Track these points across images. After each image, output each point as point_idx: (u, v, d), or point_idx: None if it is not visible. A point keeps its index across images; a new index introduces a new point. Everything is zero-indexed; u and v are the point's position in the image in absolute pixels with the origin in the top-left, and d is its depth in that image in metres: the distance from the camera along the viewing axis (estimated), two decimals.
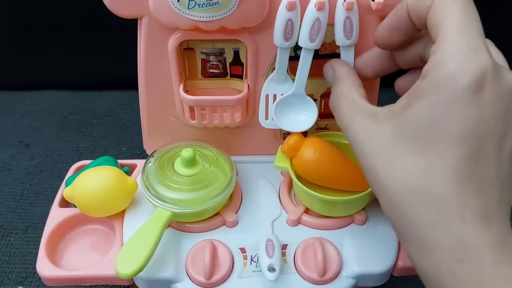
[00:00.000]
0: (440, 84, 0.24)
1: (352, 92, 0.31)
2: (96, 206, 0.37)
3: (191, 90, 0.41)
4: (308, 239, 0.37)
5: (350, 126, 0.29)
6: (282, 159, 0.39)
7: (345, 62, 0.35)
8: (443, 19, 0.25)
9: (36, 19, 0.66)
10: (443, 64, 0.24)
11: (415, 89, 0.25)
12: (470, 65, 0.23)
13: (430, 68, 0.25)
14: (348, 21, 0.34)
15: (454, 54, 0.24)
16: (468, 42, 0.24)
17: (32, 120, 0.68)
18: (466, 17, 0.25)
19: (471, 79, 0.23)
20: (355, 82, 0.33)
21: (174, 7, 0.33)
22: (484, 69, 0.23)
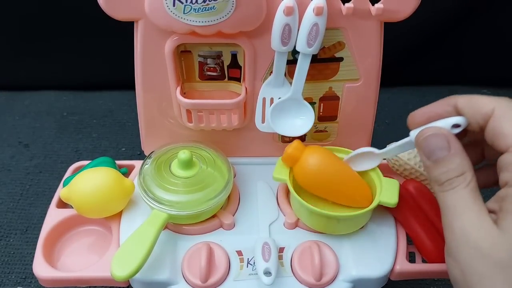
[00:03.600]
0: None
1: (478, 196, 0.28)
2: (93, 207, 0.37)
3: (188, 93, 0.41)
4: (305, 243, 0.37)
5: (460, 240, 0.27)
6: (281, 170, 0.38)
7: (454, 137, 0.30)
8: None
9: (36, 19, 0.66)
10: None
11: (506, 198, 0.26)
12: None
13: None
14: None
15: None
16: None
17: (31, 120, 0.68)
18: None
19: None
20: (475, 178, 0.29)
21: (170, 11, 0.33)
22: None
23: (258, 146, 0.44)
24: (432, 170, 0.29)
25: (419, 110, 0.33)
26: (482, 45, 0.71)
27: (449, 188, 0.28)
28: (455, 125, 0.30)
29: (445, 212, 0.28)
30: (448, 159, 0.29)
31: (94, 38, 0.66)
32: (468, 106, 0.30)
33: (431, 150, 0.29)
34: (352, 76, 0.40)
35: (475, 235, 0.26)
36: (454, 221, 0.27)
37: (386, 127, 0.68)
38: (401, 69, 0.72)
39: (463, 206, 0.27)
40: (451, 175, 0.28)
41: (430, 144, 0.30)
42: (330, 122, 0.43)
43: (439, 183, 0.29)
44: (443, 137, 0.29)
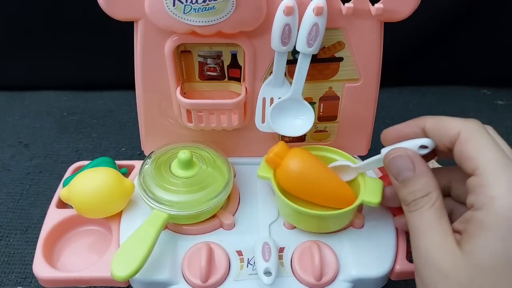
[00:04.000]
0: (504, 218, 0.25)
1: (443, 215, 0.29)
2: (93, 208, 0.37)
3: (188, 93, 0.41)
4: (305, 243, 0.37)
5: (427, 253, 0.28)
6: (265, 169, 0.38)
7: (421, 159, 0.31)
8: (479, 152, 0.27)
9: (36, 19, 0.66)
10: (500, 198, 0.26)
11: (471, 221, 0.27)
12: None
13: (485, 201, 0.26)
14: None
15: (508, 189, 0.26)
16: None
17: (31, 120, 0.68)
18: (499, 148, 0.27)
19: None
20: (441, 197, 0.29)
21: (170, 11, 0.33)
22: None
23: (258, 146, 0.44)
24: (400, 190, 0.30)
25: (391, 129, 0.34)
26: (482, 45, 0.71)
27: (415, 208, 0.29)
28: (422, 146, 0.30)
29: (411, 232, 0.29)
30: (414, 180, 0.29)
31: (94, 38, 0.66)
32: (435, 128, 0.30)
33: (397, 171, 0.30)
34: (352, 76, 0.40)
35: (437, 255, 0.27)
36: (418, 241, 0.28)
37: (386, 127, 0.67)
38: (401, 69, 0.72)
39: (427, 226, 0.28)
40: (417, 195, 0.29)
41: (397, 165, 0.31)
42: (330, 122, 0.43)
43: (406, 203, 0.30)
44: (408, 158, 0.30)
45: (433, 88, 0.76)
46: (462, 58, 0.72)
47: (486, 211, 0.26)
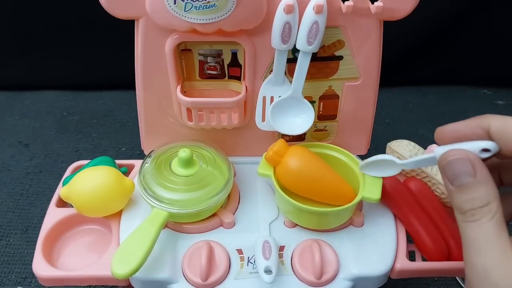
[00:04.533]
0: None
1: (503, 229, 0.26)
2: (93, 206, 0.37)
3: (189, 91, 0.41)
4: (306, 241, 0.37)
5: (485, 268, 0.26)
6: (265, 166, 0.38)
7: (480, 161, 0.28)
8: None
9: (36, 19, 0.66)
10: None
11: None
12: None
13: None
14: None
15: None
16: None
17: (31, 120, 0.68)
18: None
19: None
20: (501, 209, 0.27)
21: (171, 9, 0.33)
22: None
23: (258, 145, 0.44)
24: (455, 196, 0.27)
25: (448, 127, 0.30)
26: (482, 45, 0.71)
27: (472, 219, 0.26)
28: (484, 149, 0.27)
29: (466, 245, 0.27)
30: (473, 187, 0.27)
31: (94, 38, 0.67)
32: (502, 131, 0.27)
33: (455, 175, 0.27)
34: (351, 75, 0.40)
35: (497, 276, 0.25)
36: (475, 257, 0.26)
37: (386, 127, 0.68)
38: (401, 69, 0.72)
39: (486, 241, 0.26)
40: (475, 204, 0.26)
41: (454, 168, 0.27)
42: (330, 121, 0.43)
43: (462, 211, 0.27)
44: (469, 162, 0.27)
45: (433, 88, 0.76)
46: (462, 58, 0.72)
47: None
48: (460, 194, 0.27)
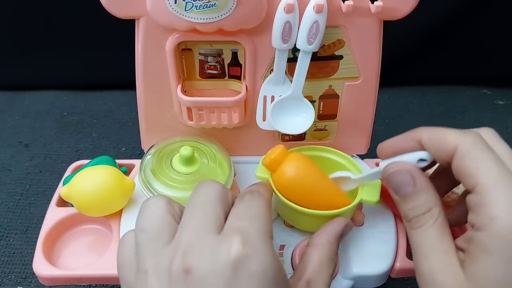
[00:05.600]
0: (505, 240, 0.24)
1: (446, 233, 0.28)
2: (93, 206, 0.37)
3: (189, 91, 0.41)
4: (306, 240, 0.37)
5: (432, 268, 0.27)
6: (263, 170, 0.37)
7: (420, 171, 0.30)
8: (478, 169, 0.26)
9: (36, 19, 0.66)
10: (501, 219, 0.24)
11: (472, 242, 0.26)
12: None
13: (486, 222, 0.25)
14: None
15: (508, 209, 0.25)
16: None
17: (31, 120, 0.68)
18: (499, 164, 0.26)
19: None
20: (443, 212, 0.28)
21: (171, 8, 0.33)
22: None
23: (258, 144, 0.44)
24: (400, 205, 0.29)
25: (386, 143, 0.32)
26: (482, 45, 0.72)
27: (417, 226, 0.28)
28: (421, 159, 0.30)
29: (414, 250, 0.28)
30: (414, 195, 0.29)
31: (95, 37, 0.67)
32: (431, 142, 0.29)
33: (397, 186, 0.29)
34: (351, 74, 0.40)
35: (440, 278, 0.26)
36: (421, 261, 0.27)
37: (386, 127, 0.68)
38: (401, 69, 0.72)
39: (430, 245, 0.27)
40: (418, 211, 0.28)
41: (396, 180, 0.30)
42: (330, 120, 0.43)
43: (407, 219, 0.29)
44: (407, 172, 0.29)
45: (433, 88, 0.76)
46: (462, 58, 0.72)
47: (487, 233, 0.25)
48: (404, 204, 0.29)
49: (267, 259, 0.25)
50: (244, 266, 0.24)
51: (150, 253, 0.26)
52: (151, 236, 0.27)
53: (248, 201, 0.29)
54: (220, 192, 0.29)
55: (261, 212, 0.28)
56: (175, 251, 0.25)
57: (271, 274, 0.25)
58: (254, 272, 0.24)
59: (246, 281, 0.24)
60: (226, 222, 0.27)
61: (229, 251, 0.24)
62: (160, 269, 0.25)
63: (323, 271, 0.30)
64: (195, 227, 0.26)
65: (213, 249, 0.25)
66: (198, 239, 0.25)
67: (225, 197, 0.29)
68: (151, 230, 0.27)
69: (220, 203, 0.28)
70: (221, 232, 0.26)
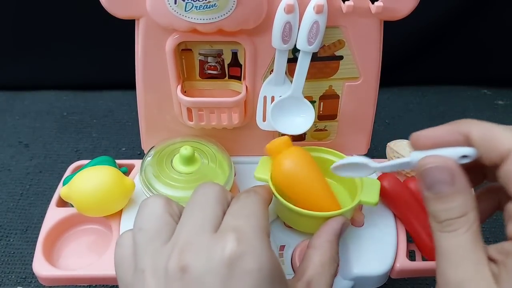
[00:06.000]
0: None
1: (479, 242, 0.25)
2: (93, 206, 0.37)
3: (189, 91, 0.41)
4: (306, 241, 0.37)
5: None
6: (262, 171, 0.37)
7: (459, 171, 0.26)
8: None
9: (36, 19, 0.66)
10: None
11: (511, 255, 0.24)
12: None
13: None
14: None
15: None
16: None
17: (31, 120, 0.68)
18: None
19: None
20: (479, 220, 0.26)
21: (171, 9, 0.33)
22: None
23: (258, 145, 0.44)
24: (431, 204, 0.27)
25: (425, 132, 0.29)
26: (482, 45, 0.71)
27: (448, 229, 0.25)
28: (464, 156, 0.26)
29: (440, 256, 0.26)
30: (451, 196, 0.26)
31: (95, 37, 0.67)
32: (483, 140, 0.26)
33: (432, 183, 0.26)
34: (352, 75, 0.40)
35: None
36: (449, 270, 0.25)
37: (386, 127, 0.68)
38: (401, 69, 0.72)
39: (461, 254, 0.25)
40: (452, 214, 0.25)
41: (432, 176, 0.26)
42: (330, 121, 0.43)
43: (438, 220, 0.26)
44: (448, 170, 0.26)
45: (433, 88, 0.76)
46: (462, 58, 0.72)
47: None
48: (437, 203, 0.26)
49: (263, 256, 0.25)
50: (239, 263, 0.24)
51: (148, 253, 0.26)
52: (149, 235, 0.26)
53: (244, 200, 0.29)
54: (219, 193, 0.29)
55: (257, 210, 0.28)
56: (172, 250, 0.25)
57: (267, 271, 0.24)
58: (249, 269, 0.24)
59: (242, 279, 0.24)
60: (222, 221, 0.27)
61: (223, 249, 0.24)
62: (157, 268, 0.25)
63: (324, 271, 0.30)
64: (193, 227, 0.26)
65: (209, 247, 0.25)
66: (195, 238, 0.25)
67: (224, 198, 0.29)
68: (149, 229, 0.27)
69: (218, 204, 0.28)
70: (217, 231, 0.26)
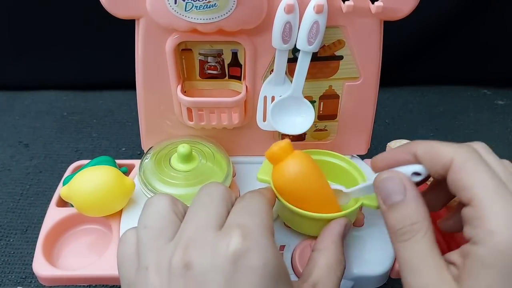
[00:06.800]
0: (504, 254, 0.24)
1: (434, 247, 0.26)
2: (93, 206, 0.37)
3: (189, 91, 0.41)
4: (306, 241, 0.37)
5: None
6: (265, 172, 0.37)
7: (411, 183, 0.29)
8: (474, 182, 0.26)
9: (36, 19, 0.66)
10: (499, 234, 0.24)
11: (469, 256, 0.25)
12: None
13: (483, 236, 0.24)
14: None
15: (506, 223, 0.24)
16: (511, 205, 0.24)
17: (31, 120, 0.68)
18: (495, 177, 0.25)
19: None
20: (432, 227, 0.27)
21: (171, 8, 0.33)
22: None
23: (258, 145, 0.44)
24: (387, 216, 0.28)
25: (380, 156, 0.32)
26: (482, 45, 0.71)
27: (404, 238, 0.27)
28: (415, 173, 0.29)
29: (402, 267, 0.27)
30: (403, 205, 0.28)
31: (95, 37, 0.67)
32: (427, 156, 0.29)
33: (387, 194, 0.29)
34: (352, 75, 0.40)
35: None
36: (411, 278, 0.26)
37: (386, 127, 0.68)
38: (401, 69, 0.72)
39: (420, 261, 0.26)
40: (406, 222, 0.27)
41: (386, 188, 0.29)
42: (330, 120, 0.43)
43: (394, 230, 0.28)
44: (399, 181, 0.28)
45: (433, 88, 0.76)
46: (463, 58, 0.72)
47: (485, 247, 0.24)
48: (392, 213, 0.28)
49: (268, 253, 0.25)
50: (243, 260, 0.24)
51: (152, 250, 0.26)
52: (154, 233, 0.27)
53: (248, 200, 0.29)
54: (223, 192, 0.29)
55: (261, 209, 0.28)
56: (176, 247, 0.25)
57: (272, 268, 0.24)
58: (254, 266, 0.24)
59: (246, 275, 0.24)
60: (227, 219, 0.27)
61: (228, 245, 0.24)
62: (160, 265, 0.25)
63: (330, 274, 0.30)
64: (197, 224, 0.26)
65: (213, 243, 0.25)
66: (199, 235, 0.25)
67: (228, 197, 0.29)
68: (154, 227, 0.27)
69: (223, 203, 0.28)
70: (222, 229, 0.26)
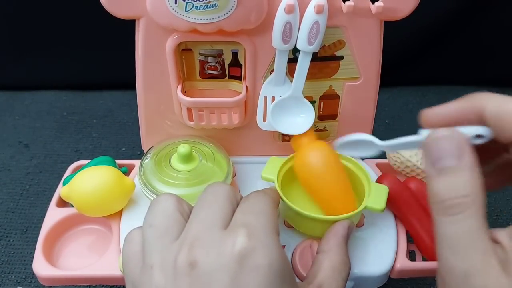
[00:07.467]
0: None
1: (485, 226, 0.22)
2: (93, 206, 0.37)
3: (189, 91, 0.41)
4: (306, 241, 0.37)
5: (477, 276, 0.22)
6: (269, 171, 0.37)
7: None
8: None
9: (36, 19, 0.66)
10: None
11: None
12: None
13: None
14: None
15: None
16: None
17: (31, 120, 0.68)
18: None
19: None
20: (484, 205, 0.23)
21: (172, 9, 0.33)
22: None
23: (258, 145, 0.44)
24: (433, 182, 0.23)
25: (435, 109, 0.27)
26: (482, 45, 0.71)
27: (451, 212, 0.22)
28: (478, 135, 0.24)
29: (442, 243, 0.23)
30: (456, 172, 0.23)
31: (95, 37, 0.67)
32: (498, 116, 0.24)
33: (438, 156, 0.23)
34: (352, 75, 0.40)
35: (479, 282, 0.21)
36: (453, 259, 0.22)
37: (386, 127, 0.68)
38: (401, 69, 0.72)
39: (466, 241, 0.22)
40: (457, 193, 0.22)
41: (440, 148, 0.23)
42: (330, 121, 0.43)
43: (438, 199, 0.23)
44: (457, 142, 0.23)
45: (433, 88, 0.76)
46: (462, 58, 0.72)
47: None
48: (440, 178, 0.23)
49: (273, 253, 0.25)
50: (249, 259, 0.24)
51: (157, 249, 0.26)
52: (159, 232, 0.26)
53: (254, 199, 0.29)
54: (228, 192, 0.29)
55: (267, 208, 0.28)
56: (181, 246, 0.25)
57: (277, 267, 0.24)
58: (259, 265, 0.24)
59: (251, 274, 0.23)
60: (232, 219, 0.27)
61: (234, 244, 0.24)
62: (166, 264, 0.25)
63: (335, 275, 0.30)
64: (203, 223, 0.26)
65: (219, 242, 0.24)
66: (204, 234, 0.25)
67: (233, 197, 0.29)
68: (160, 226, 0.27)
69: (228, 202, 0.28)
70: (227, 228, 0.26)
